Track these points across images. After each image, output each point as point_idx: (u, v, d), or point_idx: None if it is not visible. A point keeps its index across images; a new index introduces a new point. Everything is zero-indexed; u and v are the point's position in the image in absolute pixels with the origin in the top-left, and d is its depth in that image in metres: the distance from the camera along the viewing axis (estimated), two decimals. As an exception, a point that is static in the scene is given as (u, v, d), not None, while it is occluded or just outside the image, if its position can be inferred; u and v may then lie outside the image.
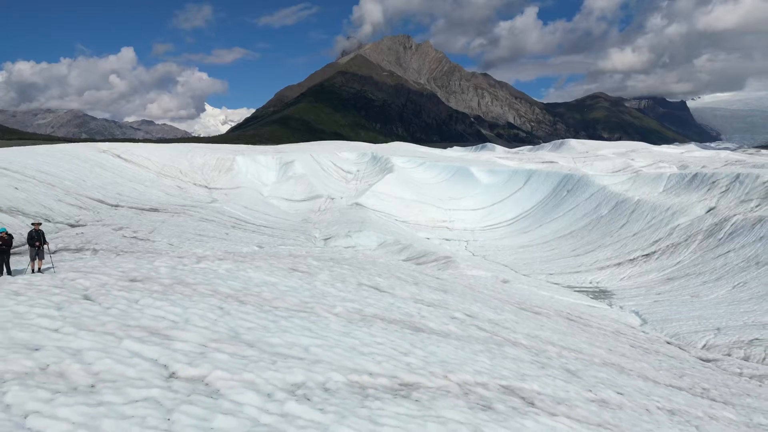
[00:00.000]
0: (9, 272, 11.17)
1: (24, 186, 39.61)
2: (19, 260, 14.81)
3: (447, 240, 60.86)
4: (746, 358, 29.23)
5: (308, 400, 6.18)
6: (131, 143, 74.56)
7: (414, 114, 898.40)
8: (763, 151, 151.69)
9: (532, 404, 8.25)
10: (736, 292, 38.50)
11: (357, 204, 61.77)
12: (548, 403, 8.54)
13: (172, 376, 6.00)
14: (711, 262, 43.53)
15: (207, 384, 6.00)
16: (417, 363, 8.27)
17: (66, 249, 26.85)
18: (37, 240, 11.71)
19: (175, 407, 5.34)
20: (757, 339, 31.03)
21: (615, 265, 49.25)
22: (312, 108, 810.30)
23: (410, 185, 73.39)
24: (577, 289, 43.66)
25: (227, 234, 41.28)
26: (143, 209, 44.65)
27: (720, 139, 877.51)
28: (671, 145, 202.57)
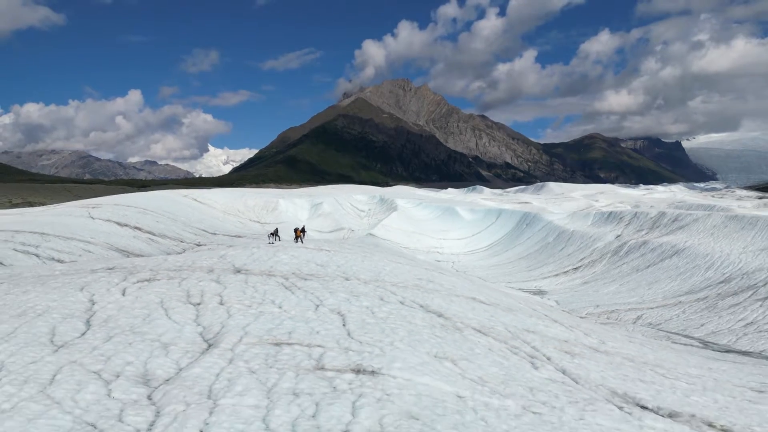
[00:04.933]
0: (302, 242, 32.79)
1: (160, 220, 60.94)
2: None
3: (438, 261, 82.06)
4: (607, 318, 50.09)
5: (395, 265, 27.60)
6: (200, 189, 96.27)
7: (413, 154, 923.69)
8: (739, 191, 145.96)
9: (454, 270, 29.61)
10: (620, 288, 59.35)
11: (371, 234, 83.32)
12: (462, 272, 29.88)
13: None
14: (612, 271, 64.57)
15: (368, 255, 27.33)
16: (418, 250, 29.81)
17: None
18: (301, 231, 34.07)
19: (368, 255, 26.81)
20: (616, 310, 51.96)
21: (554, 275, 70.14)
22: (315, 149, 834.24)
23: (410, 220, 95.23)
24: (524, 290, 64.18)
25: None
26: (232, 236, 65.95)
27: (715, 179, 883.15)
28: (639, 187, 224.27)
